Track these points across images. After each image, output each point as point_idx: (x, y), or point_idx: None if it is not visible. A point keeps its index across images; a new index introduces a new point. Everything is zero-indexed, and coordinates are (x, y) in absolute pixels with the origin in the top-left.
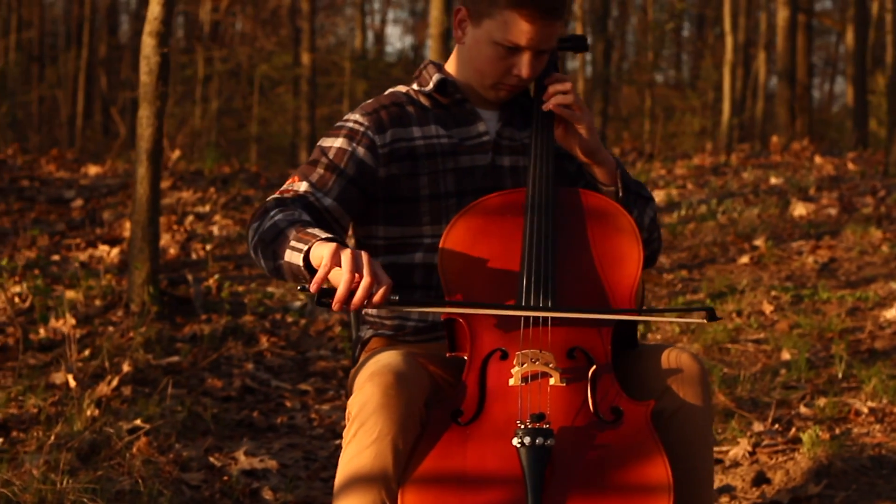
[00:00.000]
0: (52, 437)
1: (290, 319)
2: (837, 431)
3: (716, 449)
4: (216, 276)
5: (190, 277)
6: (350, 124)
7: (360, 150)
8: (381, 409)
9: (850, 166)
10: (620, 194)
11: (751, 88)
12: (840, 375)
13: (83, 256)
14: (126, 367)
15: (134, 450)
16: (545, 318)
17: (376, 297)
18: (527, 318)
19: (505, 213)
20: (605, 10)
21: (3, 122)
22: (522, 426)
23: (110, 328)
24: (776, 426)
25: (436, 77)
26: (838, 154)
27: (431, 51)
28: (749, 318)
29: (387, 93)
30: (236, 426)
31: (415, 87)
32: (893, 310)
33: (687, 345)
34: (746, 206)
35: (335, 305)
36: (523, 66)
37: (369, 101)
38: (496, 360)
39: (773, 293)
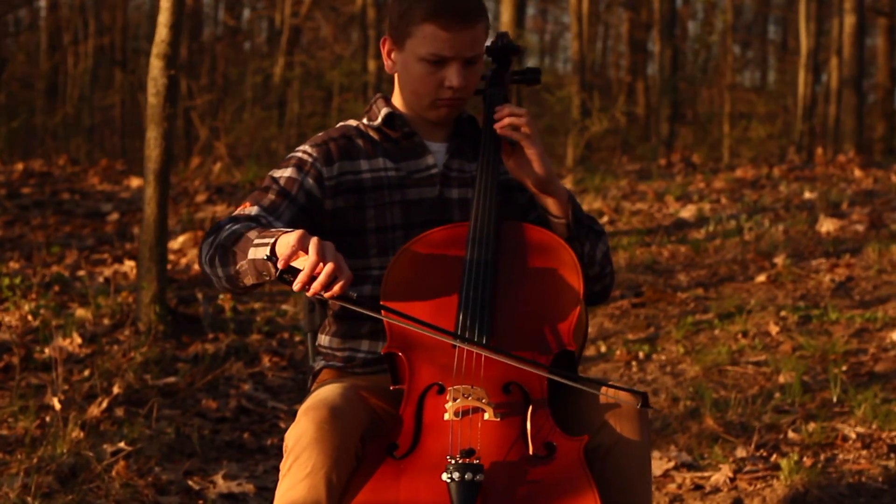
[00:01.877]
0: (35, 460)
1: (297, 338)
2: (823, 457)
3: (698, 475)
4: (222, 295)
5: (200, 296)
6: (299, 155)
7: (309, 181)
8: (314, 443)
9: (894, 179)
10: (571, 226)
11: (822, 94)
12: (834, 399)
13: (108, 272)
14: (116, 389)
15: (113, 473)
16: (479, 353)
17: (336, 288)
18: (461, 353)
19: (448, 246)
20: (672, 17)
21: (57, 130)
22: (453, 461)
23: (116, 347)
24: (761, 451)
25: (384, 111)
26: (886, 166)
27: None
28: (754, 339)
29: (337, 126)
30: (225, 448)
31: (365, 121)
32: None
33: (689, 367)
34: (775, 222)
35: (296, 286)
36: (453, 75)
37: (320, 133)
38: (433, 394)
39: (783, 313)
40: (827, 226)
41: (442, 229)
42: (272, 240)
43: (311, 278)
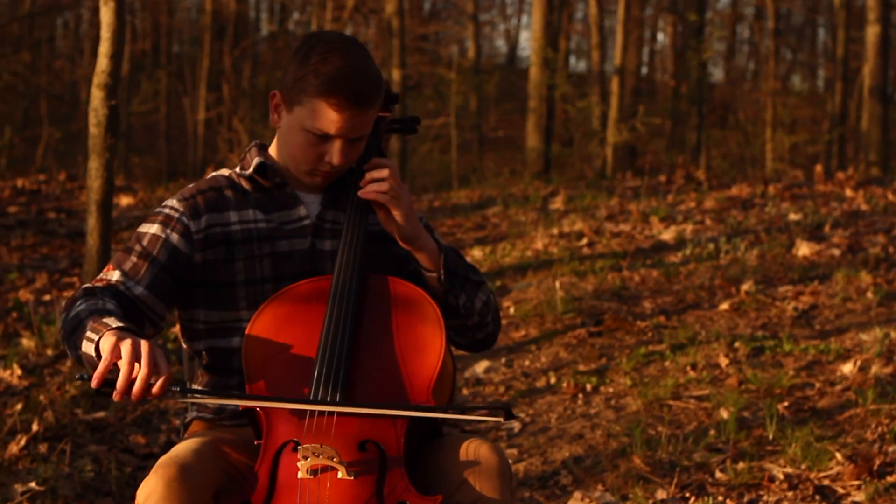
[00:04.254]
0: None
1: None
2: (746, 499)
3: None
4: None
5: None
6: (166, 210)
7: (174, 237)
8: (162, 501)
9: (891, 198)
10: (442, 279)
11: (855, 103)
12: (770, 437)
13: None
14: (35, 426)
15: None
16: (331, 411)
17: (155, 389)
18: (313, 410)
19: (311, 300)
20: (701, 24)
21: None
22: None
23: (57, 379)
24: (684, 493)
25: (256, 161)
26: (887, 184)
27: (533, 64)
28: (702, 371)
29: (208, 177)
30: None
31: (237, 170)
32: (850, 364)
33: (633, 401)
34: (753, 246)
35: (115, 396)
36: (334, 153)
37: (189, 185)
38: (288, 451)
39: (736, 344)
40: (804, 249)
41: (306, 282)
42: (97, 336)
43: (129, 383)
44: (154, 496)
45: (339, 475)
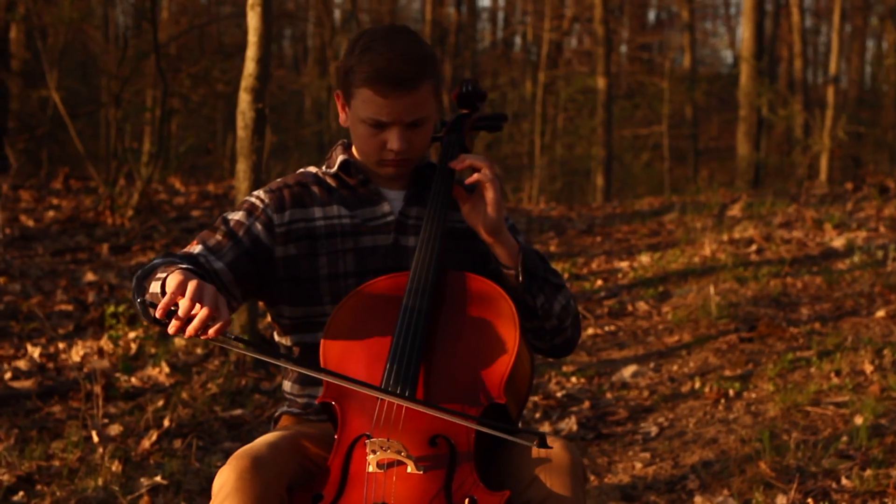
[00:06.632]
0: (64, 493)
1: None
2: None
3: None
4: None
5: None
6: (252, 199)
7: (258, 226)
8: (235, 492)
9: None
10: (521, 278)
11: None
12: None
13: None
14: (166, 423)
15: None
16: (400, 405)
17: (211, 331)
18: (382, 404)
19: (389, 295)
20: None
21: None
22: None
23: (202, 377)
24: (808, 499)
25: (340, 158)
26: None
27: (742, 73)
28: (845, 378)
29: (296, 172)
30: None
31: (324, 168)
32: None
33: (772, 407)
34: None
35: (170, 329)
36: (393, 139)
37: (277, 180)
38: (360, 445)
39: (885, 351)
40: None
41: (385, 278)
42: (165, 275)
43: (188, 320)
44: (227, 487)
45: (409, 469)
